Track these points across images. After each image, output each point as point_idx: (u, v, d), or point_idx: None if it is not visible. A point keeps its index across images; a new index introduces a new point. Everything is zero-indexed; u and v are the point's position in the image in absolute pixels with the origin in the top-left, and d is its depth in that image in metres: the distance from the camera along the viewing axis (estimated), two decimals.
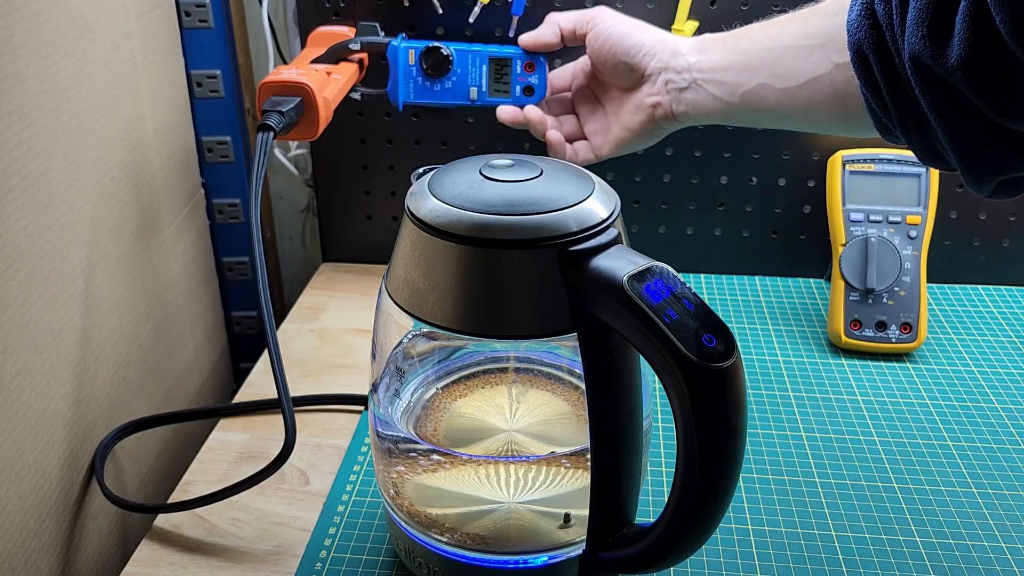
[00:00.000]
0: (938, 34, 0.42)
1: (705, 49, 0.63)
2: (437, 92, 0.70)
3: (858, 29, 0.48)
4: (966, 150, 0.46)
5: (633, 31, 0.65)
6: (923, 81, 0.44)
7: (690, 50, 0.63)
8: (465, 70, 0.69)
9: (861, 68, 0.48)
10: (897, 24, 0.45)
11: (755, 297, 0.82)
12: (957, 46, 0.41)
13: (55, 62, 0.55)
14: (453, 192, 0.41)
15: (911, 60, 0.44)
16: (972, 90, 0.42)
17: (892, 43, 0.46)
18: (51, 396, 0.55)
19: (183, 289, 0.77)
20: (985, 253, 0.83)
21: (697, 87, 0.62)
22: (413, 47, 0.70)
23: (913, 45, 0.43)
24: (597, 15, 0.67)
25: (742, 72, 0.59)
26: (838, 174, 0.75)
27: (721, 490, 0.37)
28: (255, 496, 0.58)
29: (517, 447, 0.48)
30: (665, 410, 0.65)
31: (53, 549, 0.56)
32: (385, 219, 0.88)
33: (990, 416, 0.66)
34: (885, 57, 0.47)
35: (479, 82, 0.69)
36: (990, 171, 0.46)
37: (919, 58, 0.43)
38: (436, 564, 0.48)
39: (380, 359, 0.48)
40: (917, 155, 0.50)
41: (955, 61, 0.41)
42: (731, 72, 0.60)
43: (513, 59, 0.68)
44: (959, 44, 0.41)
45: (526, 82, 0.69)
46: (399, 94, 0.71)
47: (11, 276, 0.51)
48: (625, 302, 0.36)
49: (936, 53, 0.42)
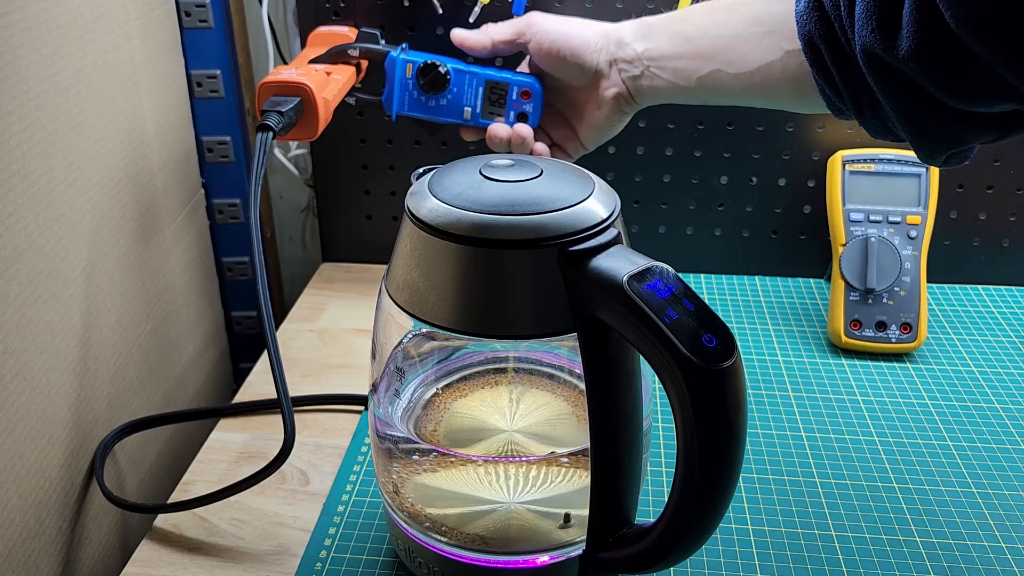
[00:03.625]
0: (887, 26, 0.44)
1: (649, 35, 0.63)
2: (431, 108, 0.70)
3: (807, 21, 0.50)
4: (919, 129, 0.48)
5: (574, 30, 0.65)
6: (876, 71, 0.46)
7: (634, 37, 0.63)
8: (461, 90, 0.69)
9: (813, 57, 0.51)
10: (845, 16, 0.47)
11: (755, 297, 0.82)
12: (907, 37, 0.43)
13: (55, 62, 0.55)
14: (453, 192, 0.41)
15: (863, 52, 0.46)
16: (924, 77, 0.44)
17: (842, 33, 0.48)
18: (51, 396, 0.55)
19: (183, 289, 0.77)
20: (985, 253, 0.83)
21: (651, 74, 0.63)
22: (412, 60, 0.69)
23: (864, 38, 0.45)
24: (533, 22, 0.67)
25: (694, 59, 0.60)
26: (838, 174, 0.75)
27: (721, 490, 0.37)
28: (255, 496, 0.58)
29: (517, 447, 0.48)
30: (665, 410, 0.65)
31: (53, 549, 0.56)
32: (385, 219, 0.88)
33: (990, 416, 0.66)
34: (836, 47, 0.49)
35: (474, 103, 0.69)
36: (942, 146, 0.49)
37: (871, 50, 0.45)
38: (436, 564, 0.48)
39: (380, 359, 0.48)
40: (869, 132, 0.52)
41: (906, 52, 0.43)
42: (683, 60, 0.61)
43: (511, 85, 0.68)
44: (908, 36, 0.43)
45: (520, 109, 0.68)
46: (393, 105, 0.70)
47: (11, 276, 0.51)
48: (625, 302, 0.36)
49: (887, 45, 0.44)
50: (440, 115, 0.70)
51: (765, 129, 0.80)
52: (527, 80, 0.68)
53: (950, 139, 0.48)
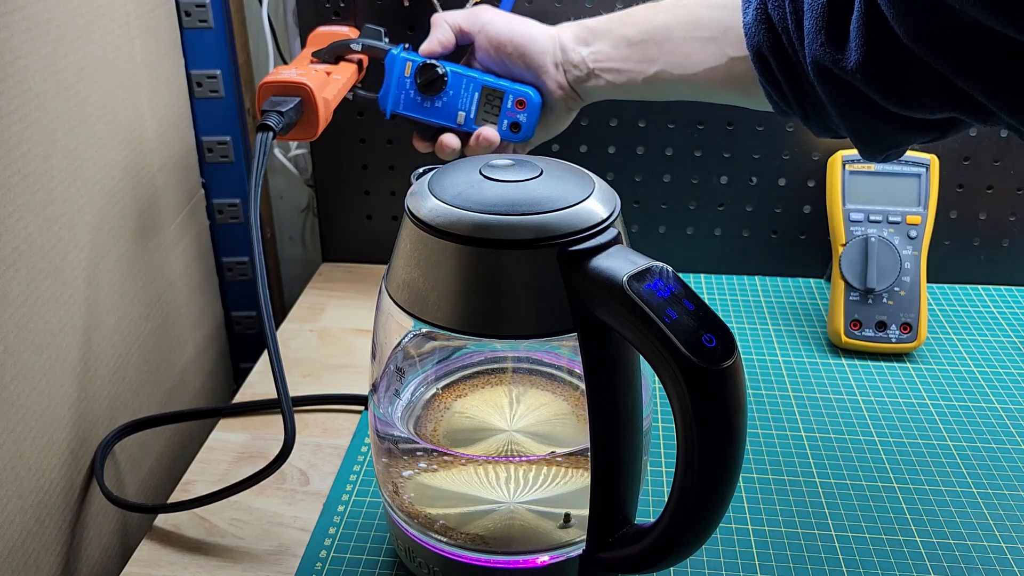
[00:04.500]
0: (836, 40, 0.46)
1: (591, 40, 0.64)
2: (426, 108, 0.70)
3: (755, 32, 0.51)
4: (863, 133, 0.51)
5: (521, 25, 0.67)
6: (824, 81, 0.48)
7: (576, 42, 0.64)
8: (457, 93, 0.69)
9: (761, 66, 0.52)
10: (793, 28, 0.49)
11: (755, 297, 0.82)
12: (855, 50, 0.45)
13: (55, 62, 0.55)
14: (453, 192, 0.41)
15: (812, 64, 0.48)
16: (871, 87, 0.46)
17: (789, 45, 0.50)
18: (51, 396, 0.55)
19: (183, 289, 0.77)
20: (985, 253, 0.83)
21: (597, 76, 0.64)
22: (411, 59, 0.69)
23: (815, 51, 0.47)
24: (482, 14, 0.68)
25: (640, 62, 0.62)
26: (838, 174, 0.75)
27: (721, 490, 0.37)
28: (255, 496, 0.58)
29: (517, 447, 0.48)
30: (665, 410, 0.65)
31: (53, 549, 0.56)
32: (385, 219, 0.88)
33: (990, 416, 0.66)
34: (784, 58, 0.51)
35: (468, 108, 0.69)
36: (884, 147, 0.51)
37: (820, 62, 0.47)
38: (436, 564, 0.48)
39: (380, 359, 0.48)
40: (812, 131, 0.54)
41: (854, 64, 0.45)
42: (629, 62, 0.62)
43: (506, 93, 0.68)
44: (856, 48, 0.45)
45: (515, 118, 0.68)
46: (388, 102, 0.70)
47: (11, 276, 0.51)
48: (625, 302, 0.36)
49: (836, 57, 0.46)
50: (434, 116, 0.70)
51: (765, 129, 0.80)
52: (524, 90, 0.68)
53: (892, 141, 0.51)
